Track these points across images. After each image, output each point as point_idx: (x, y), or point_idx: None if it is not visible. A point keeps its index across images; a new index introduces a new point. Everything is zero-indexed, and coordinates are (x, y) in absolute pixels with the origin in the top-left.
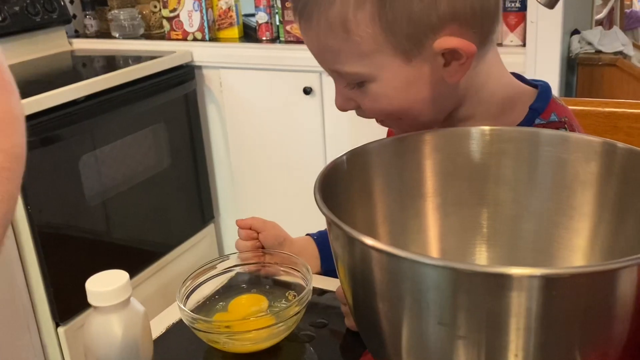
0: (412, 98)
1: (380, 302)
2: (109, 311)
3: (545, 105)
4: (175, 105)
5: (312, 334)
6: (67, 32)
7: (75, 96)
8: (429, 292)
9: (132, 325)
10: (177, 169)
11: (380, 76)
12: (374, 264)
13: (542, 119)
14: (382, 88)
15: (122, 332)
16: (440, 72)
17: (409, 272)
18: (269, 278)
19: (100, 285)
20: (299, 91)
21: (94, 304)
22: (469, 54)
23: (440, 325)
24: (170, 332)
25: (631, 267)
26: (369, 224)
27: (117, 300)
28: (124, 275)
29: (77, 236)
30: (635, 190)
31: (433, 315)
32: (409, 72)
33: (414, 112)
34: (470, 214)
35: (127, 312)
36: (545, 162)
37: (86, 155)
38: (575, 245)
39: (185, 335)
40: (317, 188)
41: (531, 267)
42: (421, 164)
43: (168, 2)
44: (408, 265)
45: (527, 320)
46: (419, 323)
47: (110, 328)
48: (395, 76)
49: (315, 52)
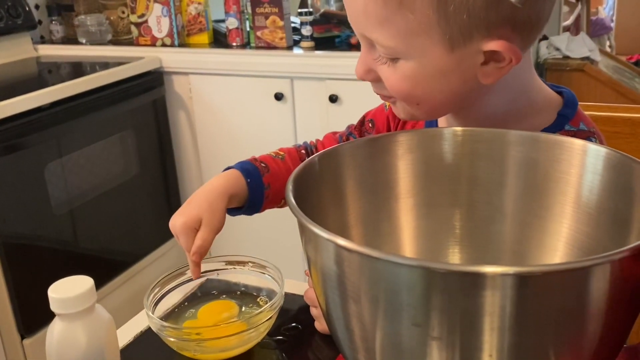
0: (439, 88)
1: (353, 304)
2: (72, 318)
3: (574, 113)
4: (144, 112)
5: (284, 339)
6: (33, 38)
7: (41, 103)
8: (402, 293)
9: (97, 333)
10: (146, 176)
11: (417, 58)
12: (346, 265)
13: (572, 126)
14: (415, 70)
15: (86, 340)
16: (476, 69)
17: (381, 273)
18: (239, 284)
19: (63, 292)
20: (270, 97)
21: (56, 312)
22: (515, 59)
23: (415, 326)
24: (138, 341)
25: (604, 265)
26: (341, 226)
27: (81, 307)
28: (88, 281)
29: (43, 246)
30: (608, 191)
31: (407, 316)
32: (447, 62)
33: (435, 102)
34: (444, 214)
35: (92, 320)
36: (517, 163)
37: (52, 163)
38: (548, 246)
39: (154, 343)
40: (289, 190)
41: (504, 266)
42: (394, 165)
43: (136, 8)
44: (381, 265)
45: (501, 319)
46: (393, 324)
47: (74, 336)
48: (432, 62)
49: (356, 14)
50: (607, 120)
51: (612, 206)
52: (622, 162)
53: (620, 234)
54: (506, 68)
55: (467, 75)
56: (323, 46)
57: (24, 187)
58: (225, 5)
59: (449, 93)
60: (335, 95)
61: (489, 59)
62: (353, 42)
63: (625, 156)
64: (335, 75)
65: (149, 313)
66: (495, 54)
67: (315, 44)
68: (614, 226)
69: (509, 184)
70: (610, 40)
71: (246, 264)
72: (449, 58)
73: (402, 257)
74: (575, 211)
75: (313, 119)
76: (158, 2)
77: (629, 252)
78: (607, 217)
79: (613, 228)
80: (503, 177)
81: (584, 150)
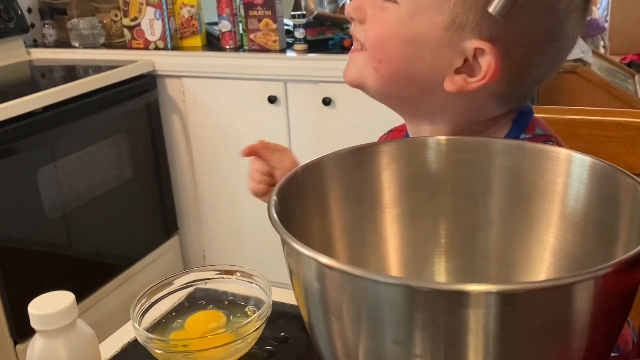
0: (408, 57)
1: (335, 321)
2: (53, 335)
3: (529, 120)
4: (137, 115)
5: (273, 349)
6: (25, 42)
7: (34, 107)
8: (385, 311)
9: (79, 349)
10: (140, 180)
11: (413, 10)
12: (327, 282)
13: (527, 133)
14: (401, 20)
15: (67, 356)
16: (448, 70)
17: (364, 291)
18: (227, 293)
19: (43, 308)
20: (263, 100)
21: (37, 328)
22: (490, 75)
23: (396, 343)
24: (125, 352)
25: (587, 281)
26: (326, 237)
27: (61, 323)
28: (69, 296)
29: (37, 250)
30: (594, 200)
31: (389, 334)
32: (433, 35)
33: (394, 70)
34: (429, 224)
35: (73, 336)
36: (502, 171)
37: (45, 168)
38: (534, 255)
39: (141, 354)
40: (271, 203)
41: (487, 284)
42: (379, 174)
43: (129, 11)
44: (363, 283)
45: (485, 337)
46: (375, 342)
47: (55, 352)
48: (421, 24)
49: None
50: (598, 124)
51: (597, 215)
52: (607, 171)
53: (606, 243)
54: (473, 84)
55: (438, 68)
56: (316, 49)
57: (16, 192)
58: (218, 8)
59: (412, 72)
60: (328, 98)
61: (463, 68)
62: (346, 45)
63: (611, 166)
64: (328, 77)
65: (135, 325)
66: (472, 66)
67: (308, 47)
68: (599, 235)
69: (494, 192)
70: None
71: (234, 273)
72: (437, 33)
73: (385, 275)
74: (561, 220)
75: (307, 121)
76: (151, 5)
77: (612, 267)
78: (593, 226)
79: (599, 237)
80: (489, 185)
81: (569, 160)
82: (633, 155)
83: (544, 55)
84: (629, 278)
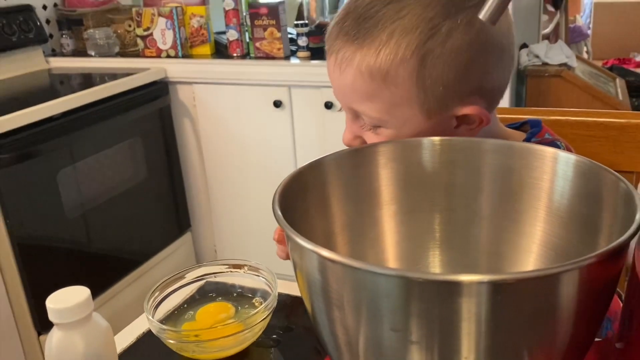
0: None
1: (337, 310)
2: (70, 328)
3: (539, 130)
4: (151, 120)
5: (279, 338)
6: (44, 51)
7: (53, 112)
8: (383, 301)
9: (95, 341)
10: (154, 180)
11: (399, 126)
12: (329, 275)
13: (537, 138)
14: (396, 134)
15: (83, 348)
16: (450, 132)
17: (363, 282)
18: (235, 286)
19: (60, 302)
20: (269, 104)
21: (54, 321)
22: (485, 120)
23: (393, 331)
24: (140, 342)
25: (573, 271)
26: (327, 233)
27: (78, 316)
28: (84, 291)
29: (58, 247)
30: (578, 196)
31: (387, 322)
32: (425, 127)
33: None
34: (424, 220)
35: (89, 328)
36: (492, 170)
37: (64, 170)
38: (523, 247)
39: (155, 344)
40: (276, 201)
41: (479, 274)
42: (377, 174)
43: (142, 22)
44: (362, 275)
45: (477, 324)
46: (374, 330)
47: (72, 344)
48: (411, 128)
49: (343, 90)
50: (582, 124)
51: (582, 210)
52: (590, 169)
53: (590, 235)
54: (476, 129)
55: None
56: (318, 56)
57: (38, 193)
58: (225, 18)
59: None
60: (330, 102)
61: (460, 123)
62: None
63: (594, 163)
64: (330, 83)
65: (149, 317)
66: (466, 118)
67: (311, 54)
68: (584, 229)
69: (485, 189)
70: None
71: (242, 267)
72: (427, 124)
73: (383, 267)
74: (548, 215)
75: (310, 124)
76: (162, 16)
77: (595, 258)
78: (578, 220)
79: (583, 231)
80: (480, 183)
81: (555, 158)
82: (614, 154)
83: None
84: (611, 268)
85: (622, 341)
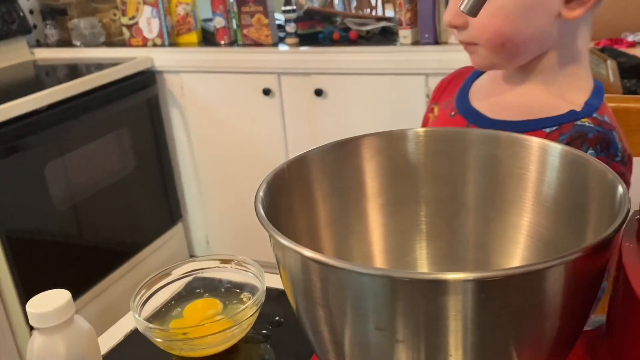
0: (525, 23)
1: (321, 310)
2: (51, 332)
3: (600, 103)
4: (138, 110)
5: (268, 333)
6: (29, 42)
7: (39, 105)
8: (367, 300)
9: (77, 344)
10: (143, 171)
11: None
12: (312, 274)
13: (598, 115)
14: (504, 4)
15: (65, 352)
16: (560, 7)
17: (347, 282)
18: (223, 281)
19: (40, 306)
20: (258, 92)
21: (35, 326)
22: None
23: (379, 330)
24: (127, 341)
25: (559, 266)
26: (313, 228)
27: (59, 320)
28: (65, 294)
29: (47, 241)
30: (565, 186)
31: (372, 321)
32: None
33: (520, 39)
34: (411, 212)
35: (71, 332)
36: (479, 160)
37: (52, 162)
38: (510, 238)
39: (142, 343)
40: (258, 199)
41: (464, 272)
42: (361, 167)
43: (127, 10)
44: (346, 275)
45: (463, 321)
46: (359, 329)
47: (53, 349)
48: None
49: None
50: None
51: (569, 200)
52: (577, 159)
53: (577, 225)
54: (589, 2)
55: (551, 13)
56: (307, 42)
57: (26, 186)
58: (212, 5)
59: (535, 28)
60: (320, 89)
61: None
62: (335, 38)
63: (581, 153)
64: (319, 69)
65: (136, 315)
66: None
67: (299, 40)
68: (571, 219)
69: (471, 180)
70: None
71: (230, 262)
72: None
73: (367, 267)
74: (534, 205)
75: (300, 112)
76: (147, 4)
77: (581, 252)
78: (565, 210)
79: (570, 221)
80: (466, 174)
81: (542, 148)
82: None
83: None
84: (597, 261)
85: (610, 330)
